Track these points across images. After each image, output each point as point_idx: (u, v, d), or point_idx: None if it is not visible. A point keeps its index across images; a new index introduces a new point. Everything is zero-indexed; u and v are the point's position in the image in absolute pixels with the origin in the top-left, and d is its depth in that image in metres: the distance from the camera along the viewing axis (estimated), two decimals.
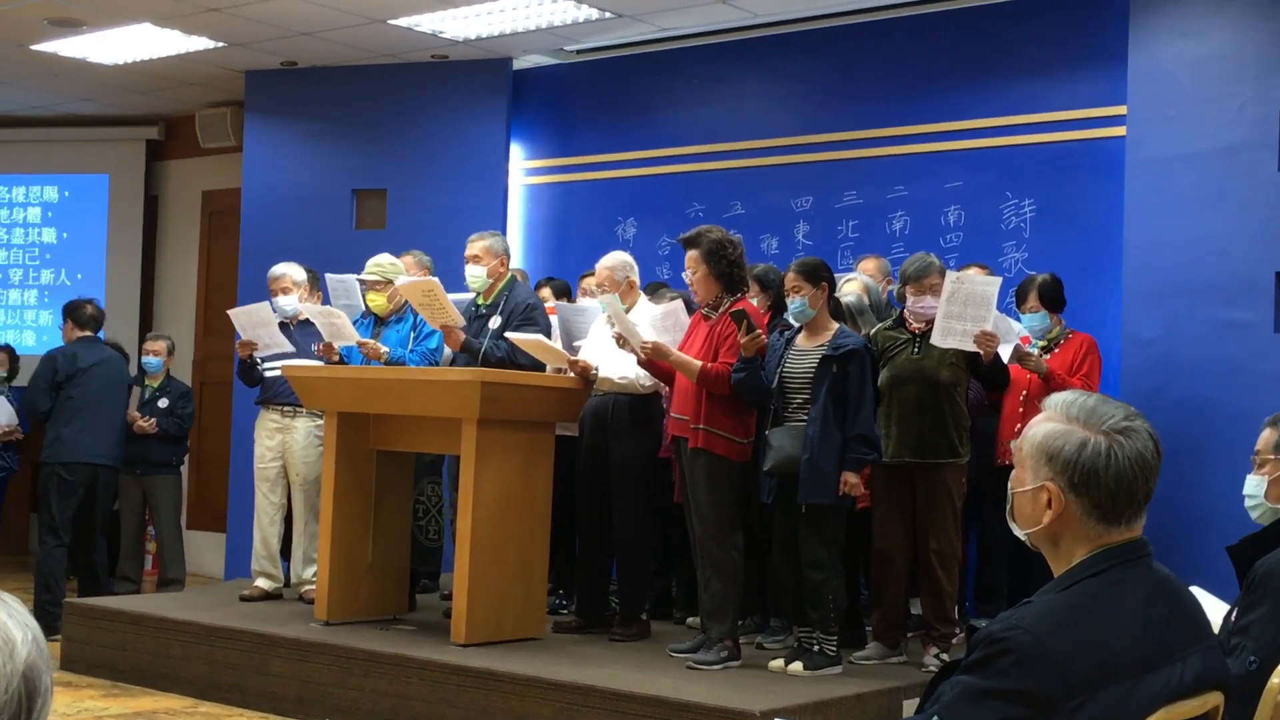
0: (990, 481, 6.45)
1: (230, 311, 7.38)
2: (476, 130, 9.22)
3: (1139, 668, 2.07)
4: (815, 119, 8.22)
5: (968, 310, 5.72)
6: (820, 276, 5.81)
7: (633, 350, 5.94)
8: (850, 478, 5.60)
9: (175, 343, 9.39)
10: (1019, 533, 2.24)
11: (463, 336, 6.47)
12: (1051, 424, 2.17)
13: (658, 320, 6.19)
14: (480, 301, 6.72)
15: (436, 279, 6.62)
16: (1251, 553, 2.88)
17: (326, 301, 7.44)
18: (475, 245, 6.66)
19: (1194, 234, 6.57)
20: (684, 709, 5.03)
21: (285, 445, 7.35)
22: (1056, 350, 6.39)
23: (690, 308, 6.48)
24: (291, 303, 7.38)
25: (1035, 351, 6.32)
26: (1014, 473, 2.23)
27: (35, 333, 11.41)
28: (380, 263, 7.00)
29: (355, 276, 7.15)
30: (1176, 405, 6.43)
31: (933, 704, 2.11)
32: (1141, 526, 2.19)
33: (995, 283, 5.89)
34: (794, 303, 5.83)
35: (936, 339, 5.81)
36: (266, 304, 7.33)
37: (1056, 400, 2.20)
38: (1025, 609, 2.10)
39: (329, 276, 7.45)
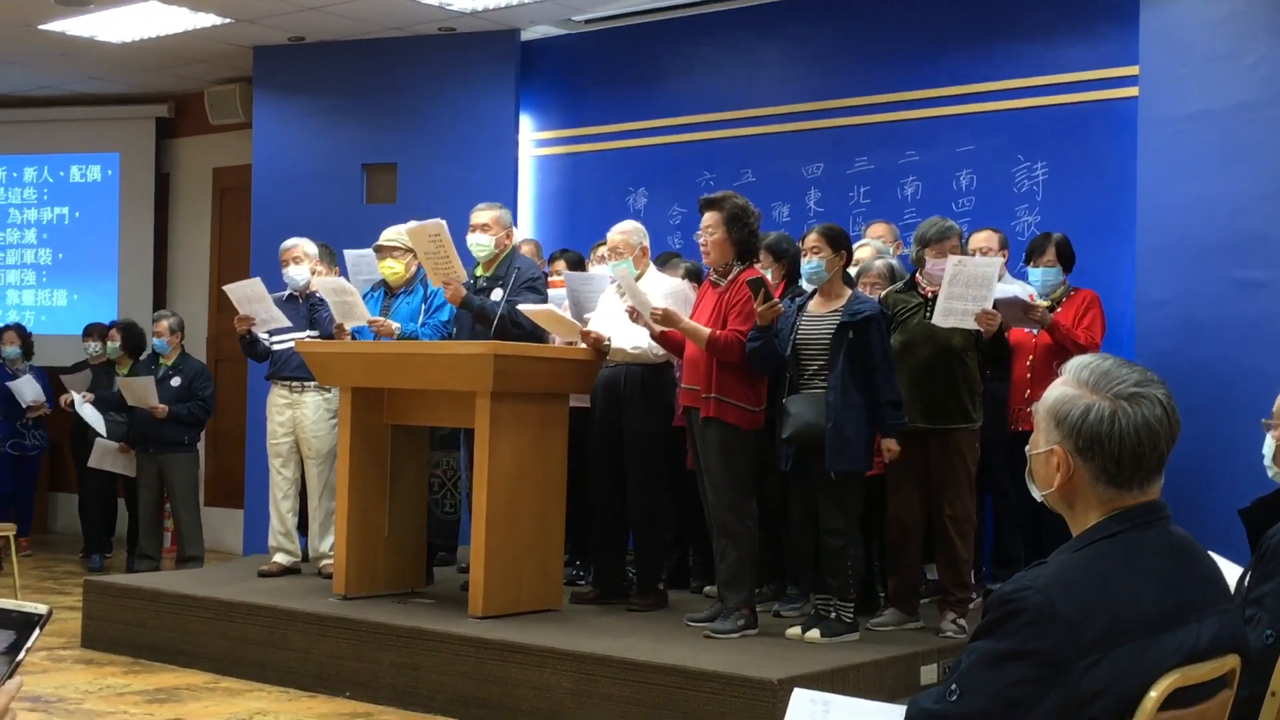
0: (1004, 447, 6.43)
1: (226, 287, 7.39)
2: (486, 102, 9.19)
3: (1153, 627, 2.07)
4: (825, 85, 8.18)
5: (969, 291, 5.69)
6: (841, 244, 5.82)
7: (645, 324, 5.93)
8: (892, 445, 5.65)
9: (183, 319, 9.41)
10: (1037, 494, 2.26)
11: (464, 292, 6.41)
12: (1063, 388, 2.20)
13: (666, 300, 6.17)
14: (480, 273, 6.65)
15: (443, 220, 6.48)
16: (1260, 516, 2.86)
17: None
18: (484, 214, 6.61)
19: (1207, 194, 6.53)
20: (702, 678, 5.04)
21: (295, 420, 7.36)
22: (1059, 309, 6.37)
23: (698, 276, 6.46)
24: (303, 273, 7.37)
25: (1043, 303, 6.30)
26: (1033, 435, 2.26)
27: (49, 313, 11.44)
28: (400, 230, 6.96)
29: (373, 246, 7.10)
30: (1192, 366, 6.40)
31: (952, 672, 2.11)
32: (1158, 489, 2.19)
33: (996, 263, 5.89)
34: (810, 263, 5.81)
35: (938, 319, 5.77)
36: (258, 280, 7.32)
37: (1073, 364, 2.22)
38: (1038, 569, 2.11)
39: (348, 253, 7.44)
